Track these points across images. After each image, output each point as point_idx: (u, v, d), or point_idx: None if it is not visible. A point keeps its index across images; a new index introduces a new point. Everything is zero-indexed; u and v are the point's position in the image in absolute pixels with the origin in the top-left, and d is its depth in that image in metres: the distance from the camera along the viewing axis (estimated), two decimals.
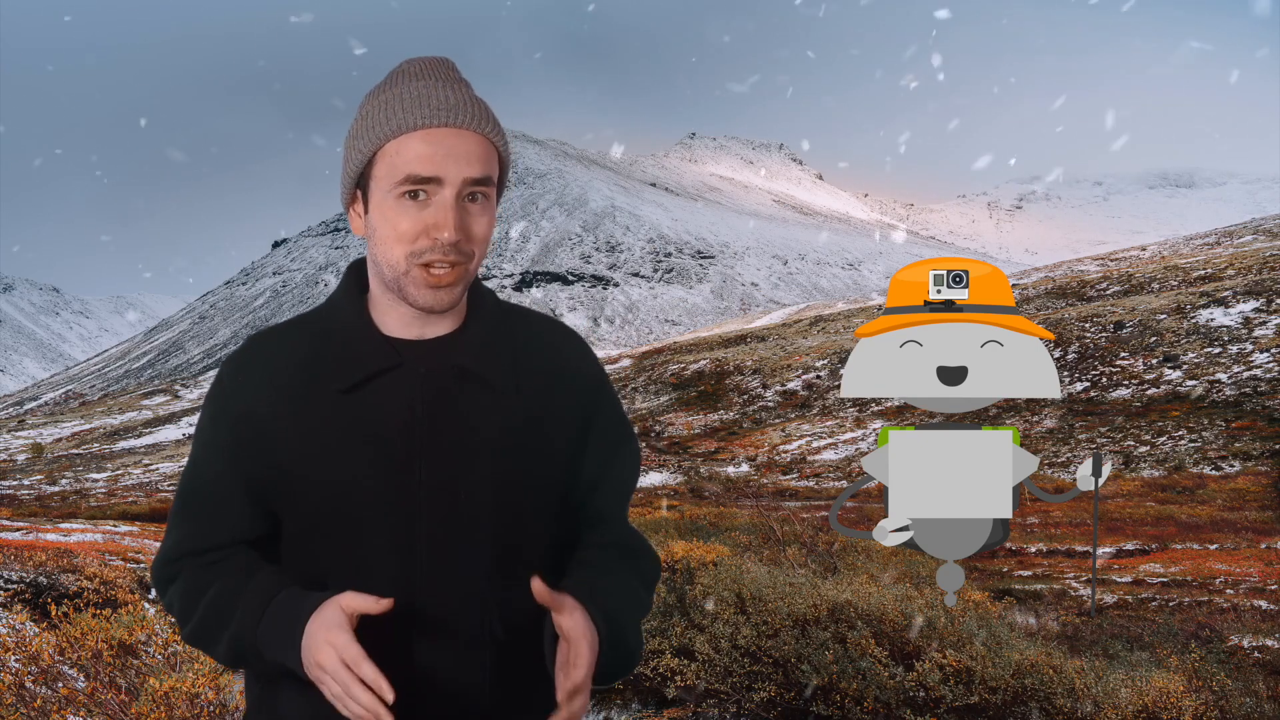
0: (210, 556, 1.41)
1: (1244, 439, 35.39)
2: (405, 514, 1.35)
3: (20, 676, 4.01)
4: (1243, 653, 9.03)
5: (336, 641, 1.24)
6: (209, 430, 1.42)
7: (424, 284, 1.34)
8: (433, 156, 1.33)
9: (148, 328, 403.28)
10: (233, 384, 1.41)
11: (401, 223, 1.33)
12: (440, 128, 1.34)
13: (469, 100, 1.37)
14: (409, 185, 1.33)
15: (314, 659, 1.25)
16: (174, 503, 1.46)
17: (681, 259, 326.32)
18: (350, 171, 1.39)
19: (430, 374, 1.38)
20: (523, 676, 1.39)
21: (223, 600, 1.36)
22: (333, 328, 1.42)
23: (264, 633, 1.31)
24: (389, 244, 1.35)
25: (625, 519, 1.54)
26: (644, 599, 1.49)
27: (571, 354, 1.49)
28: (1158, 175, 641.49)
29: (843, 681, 5.39)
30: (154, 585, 1.45)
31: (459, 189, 1.33)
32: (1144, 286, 64.89)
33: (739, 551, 10.62)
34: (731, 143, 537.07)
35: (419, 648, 1.34)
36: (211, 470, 1.41)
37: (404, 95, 1.36)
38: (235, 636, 1.34)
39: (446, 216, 1.32)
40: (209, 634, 1.37)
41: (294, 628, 1.28)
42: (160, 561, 1.44)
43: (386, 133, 1.34)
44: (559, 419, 1.43)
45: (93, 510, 35.43)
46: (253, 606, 1.32)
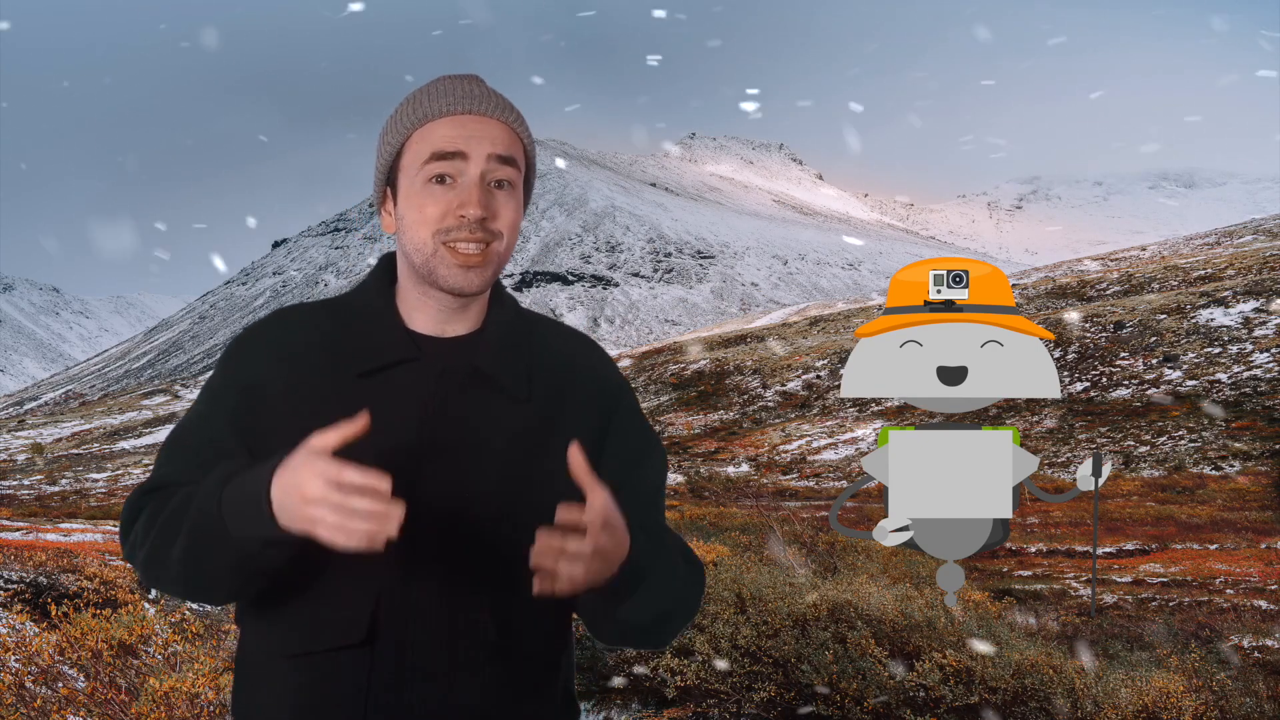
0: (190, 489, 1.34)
1: (1244, 439, 35.38)
2: (406, 506, 1.35)
3: (20, 676, 4.01)
4: (1243, 653, 9.03)
5: (317, 466, 1.14)
6: (219, 387, 1.41)
7: (453, 263, 1.36)
8: (455, 136, 1.37)
9: (148, 328, 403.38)
10: (249, 350, 1.41)
11: (428, 205, 1.37)
12: (465, 114, 1.38)
13: (494, 94, 1.42)
14: (434, 164, 1.36)
15: (300, 497, 1.15)
16: (167, 440, 1.43)
17: (681, 259, 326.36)
18: (380, 169, 1.43)
19: (446, 371, 1.39)
20: (521, 679, 1.38)
21: (182, 501, 1.30)
22: (357, 313, 1.44)
23: (228, 505, 1.22)
24: (416, 227, 1.37)
25: (661, 528, 1.47)
26: (684, 575, 1.42)
27: (592, 362, 1.49)
28: (1158, 175, 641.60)
29: (843, 681, 5.39)
30: (122, 517, 1.40)
31: (484, 167, 1.37)
32: (1144, 286, 64.90)
33: (739, 551, 10.63)
34: (731, 143, 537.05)
35: (415, 639, 1.33)
36: (214, 422, 1.39)
37: (431, 91, 1.41)
38: (193, 526, 1.25)
39: (471, 193, 1.36)
40: (166, 541, 1.29)
41: (258, 488, 1.20)
42: (141, 490, 1.39)
43: (413, 122, 1.39)
44: (573, 425, 1.42)
45: (93, 510, 35.42)
46: (211, 487, 1.26)
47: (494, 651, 1.36)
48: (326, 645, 1.33)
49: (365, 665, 1.32)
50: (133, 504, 1.40)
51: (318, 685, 1.33)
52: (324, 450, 1.15)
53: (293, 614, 1.35)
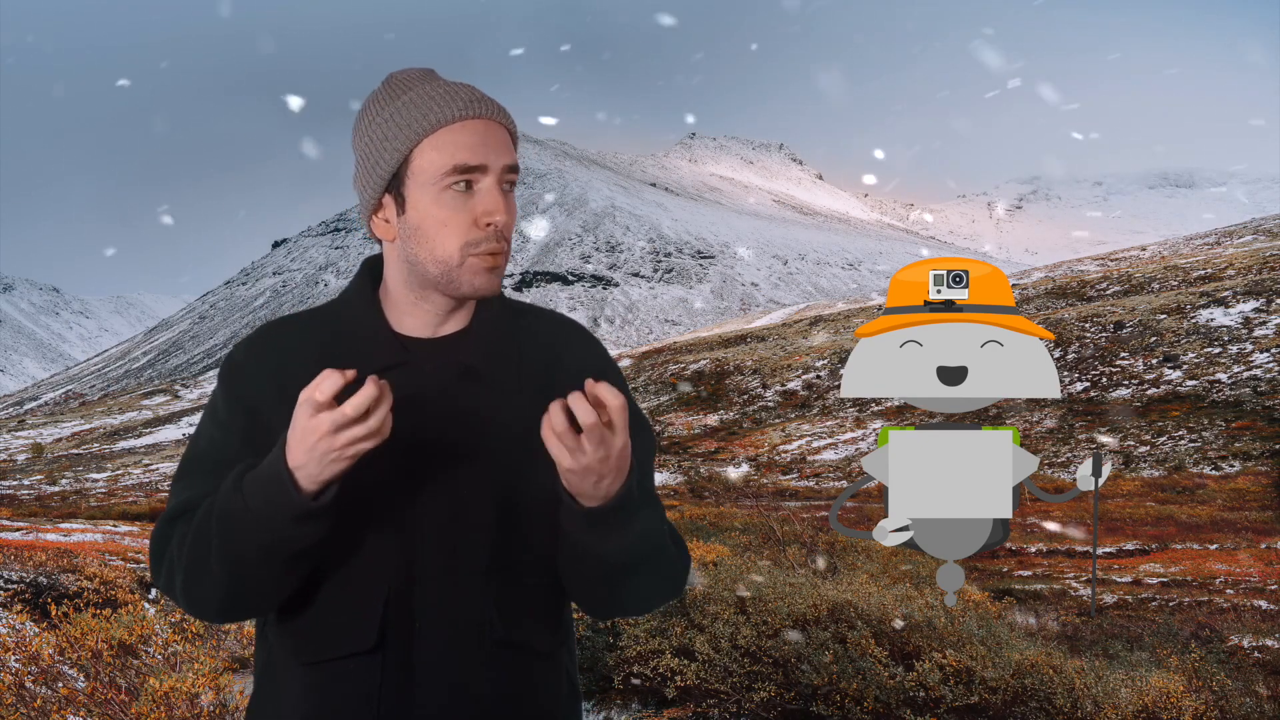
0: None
1: (1244, 439, 35.39)
2: (405, 509, 1.36)
3: (20, 676, 4.01)
4: (1243, 653, 9.03)
5: (315, 418, 1.19)
6: (222, 409, 1.42)
7: (481, 270, 1.37)
8: (476, 146, 1.36)
9: (148, 328, 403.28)
10: (244, 371, 1.42)
11: (449, 216, 1.36)
12: (476, 119, 1.38)
13: (486, 96, 1.41)
14: (457, 176, 1.35)
15: (309, 442, 1.20)
16: (179, 466, 1.45)
17: (681, 259, 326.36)
18: (380, 175, 1.39)
19: (436, 372, 1.40)
20: (527, 672, 1.40)
21: (206, 512, 1.32)
22: (343, 322, 1.44)
23: (251, 494, 1.25)
24: (440, 239, 1.37)
25: (652, 495, 1.48)
26: (670, 549, 1.44)
27: (574, 347, 1.50)
28: (1158, 175, 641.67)
29: (843, 681, 5.39)
30: (151, 550, 1.42)
31: (499, 176, 1.37)
32: (1144, 286, 64.90)
33: (739, 551, 10.63)
34: (731, 143, 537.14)
35: (417, 640, 1.35)
36: (225, 442, 1.40)
37: (428, 94, 1.38)
38: (224, 528, 1.27)
39: (498, 202, 1.36)
40: (200, 554, 1.31)
41: (276, 467, 1.24)
42: (166, 518, 1.41)
43: (424, 129, 1.36)
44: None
45: (93, 510, 35.43)
46: (230, 485, 1.29)
47: (499, 646, 1.38)
48: (338, 653, 1.35)
49: (375, 670, 1.34)
50: (160, 535, 1.41)
51: (329, 691, 1.35)
52: (313, 399, 1.19)
53: (306, 623, 1.37)
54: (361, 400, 1.18)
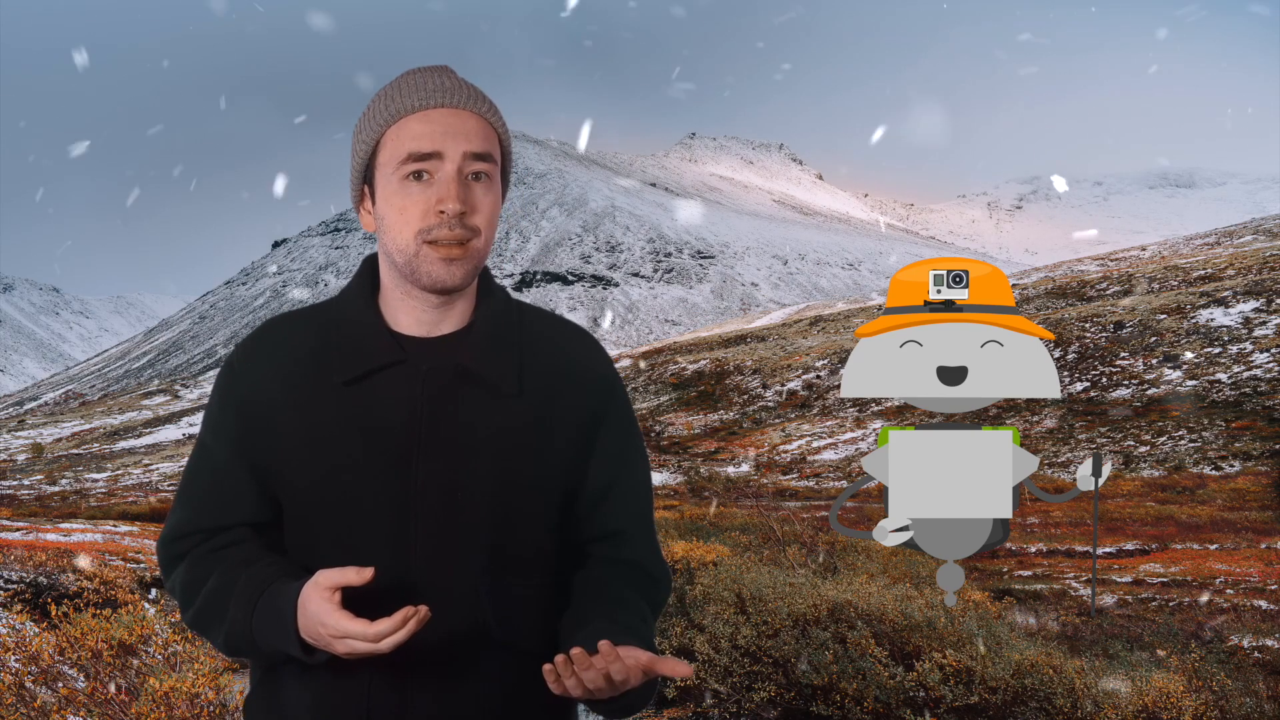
0: (215, 541, 1.41)
1: (1244, 439, 35.37)
2: (400, 509, 1.36)
3: (20, 676, 4.01)
4: (1243, 653, 9.03)
5: (330, 618, 1.26)
6: (217, 414, 1.43)
7: (435, 259, 1.36)
8: (431, 133, 1.35)
9: (148, 328, 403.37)
10: (240, 370, 1.43)
11: (407, 204, 1.35)
12: (437, 108, 1.37)
13: (466, 86, 1.40)
14: (411, 164, 1.35)
15: (320, 635, 1.28)
16: (181, 480, 1.47)
17: (681, 259, 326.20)
18: (356, 167, 1.41)
19: (432, 372, 1.39)
20: (520, 676, 1.39)
21: (219, 594, 1.36)
22: (341, 320, 1.43)
23: (258, 626, 1.32)
24: (397, 228, 1.37)
25: (647, 537, 1.51)
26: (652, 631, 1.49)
27: (581, 354, 1.48)
28: (1158, 175, 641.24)
29: (843, 681, 5.39)
30: (160, 563, 1.46)
31: (460, 164, 1.35)
32: (1144, 286, 64.86)
33: (739, 551, 10.63)
34: (731, 143, 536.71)
35: (412, 640, 1.34)
36: (218, 453, 1.42)
37: (402, 86, 1.39)
38: (230, 632, 1.35)
39: (449, 189, 1.34)
40: (208, 624, 1.39)
41: (283, 619, 1.30)
42: (165, 539, 1.45)
43: (386, 120, 1.37)
44: (563, 421, 1.42)
45: (93, 510, 35.40)
46: (243, 602, 1.33)
47: (493, 650, 1.37)
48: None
49: (367, 671, 1.34)
50: (166, 556, 1.45)
51: (326, 691, 1.36)
52: (332, 594, 1.26)
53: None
54: (375, 634, 1.24)
